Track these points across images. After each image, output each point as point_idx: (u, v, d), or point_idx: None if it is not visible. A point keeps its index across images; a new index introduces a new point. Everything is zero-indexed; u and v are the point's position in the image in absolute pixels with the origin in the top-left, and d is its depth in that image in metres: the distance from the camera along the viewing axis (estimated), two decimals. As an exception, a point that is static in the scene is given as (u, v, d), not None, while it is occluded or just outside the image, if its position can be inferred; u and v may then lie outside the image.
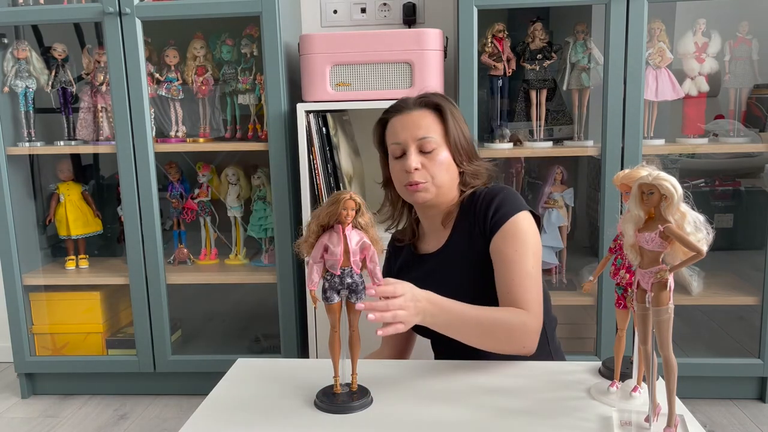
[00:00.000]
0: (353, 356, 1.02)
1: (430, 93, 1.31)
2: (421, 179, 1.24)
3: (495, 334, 1.14)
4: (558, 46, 2.14)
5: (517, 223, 1.22)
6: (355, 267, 0.98)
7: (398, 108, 1.29)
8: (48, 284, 2.35)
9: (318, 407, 1.00)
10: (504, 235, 1.21)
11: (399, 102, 1.31)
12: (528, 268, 1.19)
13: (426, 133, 1.25)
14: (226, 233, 2.44)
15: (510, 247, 1.20)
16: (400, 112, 1.28)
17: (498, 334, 1.14)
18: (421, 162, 1.24)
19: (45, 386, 2.40)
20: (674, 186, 0.76)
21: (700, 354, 2.21)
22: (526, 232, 1.22)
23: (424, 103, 1.28)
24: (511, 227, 1.21)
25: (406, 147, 1.25)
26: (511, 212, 1.22)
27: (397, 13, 2.39)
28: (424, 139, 1.24)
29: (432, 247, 1.34)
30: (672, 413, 0.81)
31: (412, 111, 1.27)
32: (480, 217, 1.25)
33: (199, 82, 2.24)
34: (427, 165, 1.25)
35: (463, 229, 1.28)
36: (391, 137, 1.29)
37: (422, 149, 1.25)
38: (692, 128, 2.14)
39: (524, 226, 1.22)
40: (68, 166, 2.40)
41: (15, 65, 2.22)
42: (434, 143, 1.25)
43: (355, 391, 1.02)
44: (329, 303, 0.99)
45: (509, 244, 1.20)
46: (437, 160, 1.25)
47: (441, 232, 1.32)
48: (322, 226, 0.99)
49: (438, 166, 1.25)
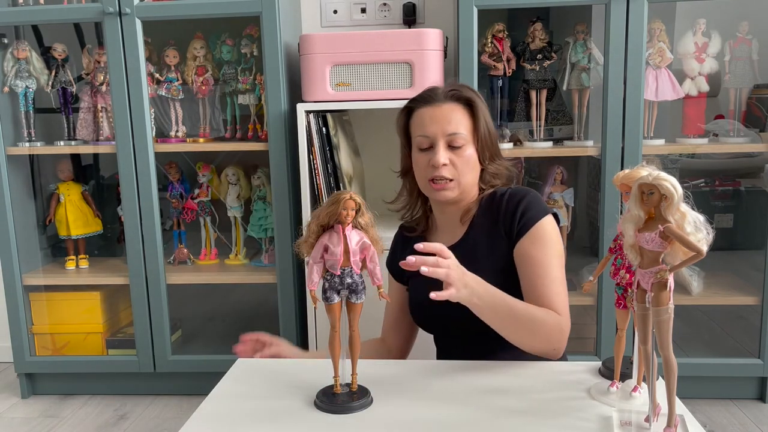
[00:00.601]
0: (353, 356, 1.01)
1: (459, 85, 1.28)
2: (448, 175, 1.23)
3: (534, 331, 1.14)
4: (558, 46, 2.14)
5: (545, 227, 1.22)
6: (355, 267, 0.97)
7: (427, 99, 1.26)
8: (48, 284, 2.35)
9: (318, 407, 1.00)
10: (532, 239, 1.21)
11: (428, 92, 1.28)
12: (556, 273, 1.20)
13: (456, 128, 1.23)
14: (226, 233, 2.44)
15: (538, 251, 1.21)
16: (430, 104, 1.25)
17: (537, 331, 1.14)
18: (449, 158, 1.23)
19: (45, 386, 2.40)
20: (674, 186, 0.76)
21: (700, 354, 2.21)
22: (553, 236, 1.23)
23: (455, 97, 1.25)
24: (538, 231, 1.22)
25: (435, 141, 1.23)
26: (538, 216, 1.22)
27: (397, 13, 2.39)
28: (454, 134, 1.22)
29: (445, 242, 1.32)
30: (672, 413, 0.81)
31: (442, 104, 1.24)
32: (506, 218, 1.24)
33: (199, 82, 2.24)
34: (455, 161, 1.23)
35: (483, 226, 1.27)
36: (419, 128, 1.26)
37: (451, 145, 1.23)
38: (692, 128, 2.14)
39: (551, 230, 1.23)
40: (68, 166, 2.40)
41: (15, 65, 2.22)
42: (463, 139, 1.23)
43: (355, 391, 1.02)
44: (329, 303, 0.98)
45: (537, 248, 1.21)
46: (464, 156, 1.23)
47: (457, 228, 1.31)
48: (322, 226, 0.98)
49: (465, 163, 1.24)
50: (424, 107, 1.26)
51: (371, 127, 2.39)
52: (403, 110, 1.31)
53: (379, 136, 2.39)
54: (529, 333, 1.15)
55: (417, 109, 1.27)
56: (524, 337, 1.15)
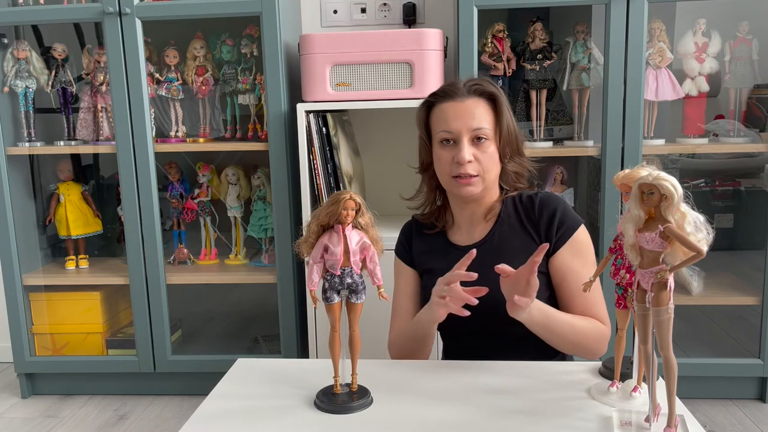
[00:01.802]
0: (353, 356, 1.02)
1: (480, 79, 1.26)
2: (473, 171, 1.21)
3: (584, 342, 1.21)
4: (558, 46, 2.14)
5: (582, 237, 1.26)
6: (355, 267, 0.98)
7: (449, 93, 1.24)
8: (48, 284, 2.35)
9: (318, 407, 1.00)
10: (573, 250, 1.25)
11: (448, 86, 1.25)
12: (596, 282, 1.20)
13: (480, 123, 1.21)
14: (226, 233, 2.44)
15: (578, 262, 1.24)
16: (452, 98, 1.23)
17: (582, 342, 1.20)
18: (473, 153, 1.21)
19: (45, 386, 2.40)
20: (674, 186, 0.76)
21: (700, 354, 2.21)
22: (589, 246, 1.27)
23: (478, 91, 1.23)
24: (577, 241, 1.25)
25: (459, 137, 1.21)
26: (575, 226, 1.26)
27: (397, 13, 2.39)
28: (478, 129, 1.21)
29: (465, 240, 1.31)
30: (672, 413, 0.81)
31: (465, 99, 1.22)
32: (542, 225, 1.26)
33: (199, 82, 2.24)
34: (480, 157, 1.22)
35: (512, 226, 1.28)
36: (441, 124, 1.24)
37: (475, 140, 1.22)
38: (692, 128, 2.14)
39: (586, 239, 1.27)
40: (68, 166, 2.40)
41: (15, 65, 2.22)
42: (486, 134, 1.22)
43: (355, 391, 1.02)
44: (329, 303, 0.99)
45: (578, 259, 1.25)
46: (489, 152, 1.22)
47: (480, 225, 1.30)
48: (322, 226, 0.98)
49: (489, 159, 1.22)
50: (446, 102, 1.24)
51: (371, 127, 2.39)
52: (423, 104, 1.29)
53: (379, 136, 2.39)
54: (574, 344, 1.21)
55: (438, 104, 1.25)
56: (568, 346, 1.21)
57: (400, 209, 1.53)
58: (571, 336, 1.19)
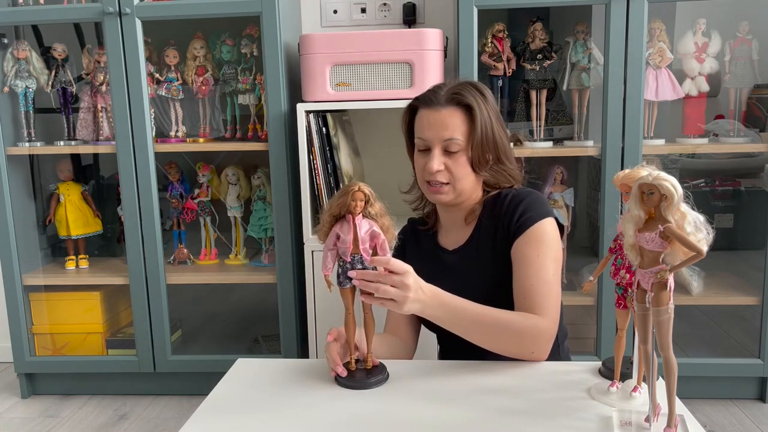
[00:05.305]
0: (368, 336, 1.09)
1: (463, 86, 1.24)
2: (443, 180, 1.23)
3: (503, 337, 1.13)
4: (558, 46, 2.14)
5: (542, 228, 1.21)
6: (365, 254, 1.04)
7: (429, 100, 1.24)
8: (48, 284, 2.35)
9: (339, 383, 1.08)
10: (528, 239, 1.20)
11: (431, 92, 1.26)
12: (548, 275, 1.18)
13: (452, 134, 1.21)
14: (226, 233, 2.44)
15: (532, 251, 1.19)
16: (430, 106, 1.24)
17: (507, 337, 1.13)
18: (444, 163, 1.22)
19: (45, 386, 2.40)
20: (674, 186, 0.76)
21: (700, 354, 2.21)
22: (550, 239, 1.21)
23: (456, 101, 1.23)
24: (535, 232, 1.20)
25: (431, 146, 1.23)
26: (537, 217, 1.21)
27: (397, 13, 2.39)
28: (450, 140, 1.21)
29: (450, 243, 1.33)
30: (672, 413, 0.81)
31: (441, 109, 1.22)
32: (505, 219, 1.24)
33: (199, 82, 2.24)
34: (451, 166, 1.23)
35: (487, 228, 1.27)
36: (418, 130, 1.26)
37: (447, 150, 1.23)
38: (692, 128, 2.14)
39: (549, 231, 1.21)
40: (68, 166, 2.40)
41: (15, 65, 2.22)
42: (458, 145, 1.22)
43: (370, 369, 1.10)
44: (342, 287, 1.07)
45: (532, 248, 1.19)
46: (460, 162, 1.23)
47: (462, 229, 1.31)
48: (335, 216, 1.06)
49: (461, 169, 1.23)
50: (425, 109, 1.25)
51: (371, 127, 2.39)
52: (407, 108, 1.31)
53: (379, 136, 2.39)
54: (499, 340, 1.13)
55: (419, 110, 1.27)
56: (494, 344, 1.14)
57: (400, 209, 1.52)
58: (494, 328, 1.12)
